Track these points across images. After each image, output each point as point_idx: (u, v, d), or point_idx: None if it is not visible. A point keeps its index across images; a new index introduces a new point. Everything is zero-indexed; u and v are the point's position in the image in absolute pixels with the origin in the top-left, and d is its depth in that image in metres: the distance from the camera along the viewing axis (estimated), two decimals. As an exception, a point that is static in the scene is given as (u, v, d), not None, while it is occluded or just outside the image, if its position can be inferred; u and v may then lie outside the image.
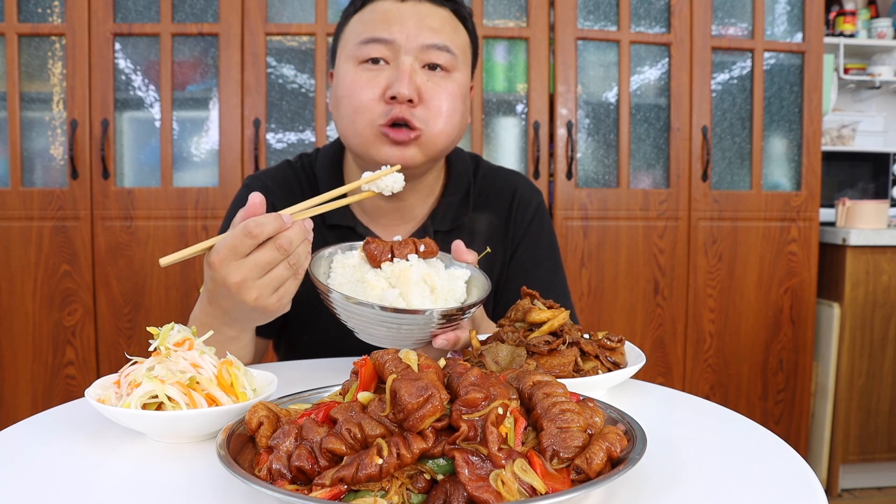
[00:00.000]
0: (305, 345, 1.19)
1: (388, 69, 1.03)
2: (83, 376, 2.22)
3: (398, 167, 0.98)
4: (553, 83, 2.37)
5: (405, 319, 0.81)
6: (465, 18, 1.11)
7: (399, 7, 1.04)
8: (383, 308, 0.79)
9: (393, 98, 1.01)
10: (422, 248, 0.91)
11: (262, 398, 0.69)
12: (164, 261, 0.79)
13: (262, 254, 0.78)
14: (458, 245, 0.94)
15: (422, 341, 0.87)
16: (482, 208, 1.19)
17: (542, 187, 2.35)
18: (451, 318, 0.84)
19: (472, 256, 0.94)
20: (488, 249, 1.15)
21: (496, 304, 1.21)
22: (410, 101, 1.01)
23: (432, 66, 1.04)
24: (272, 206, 1.13)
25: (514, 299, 1.11)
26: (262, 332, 1.14)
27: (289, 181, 1.18)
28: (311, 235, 0.84)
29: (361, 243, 0.92)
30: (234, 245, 0.78)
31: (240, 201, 1.16)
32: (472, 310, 0.86)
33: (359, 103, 1.02)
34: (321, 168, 1.18)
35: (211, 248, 0.81)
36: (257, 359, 1.16)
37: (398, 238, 0.92)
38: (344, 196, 0.93)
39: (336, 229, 1.15)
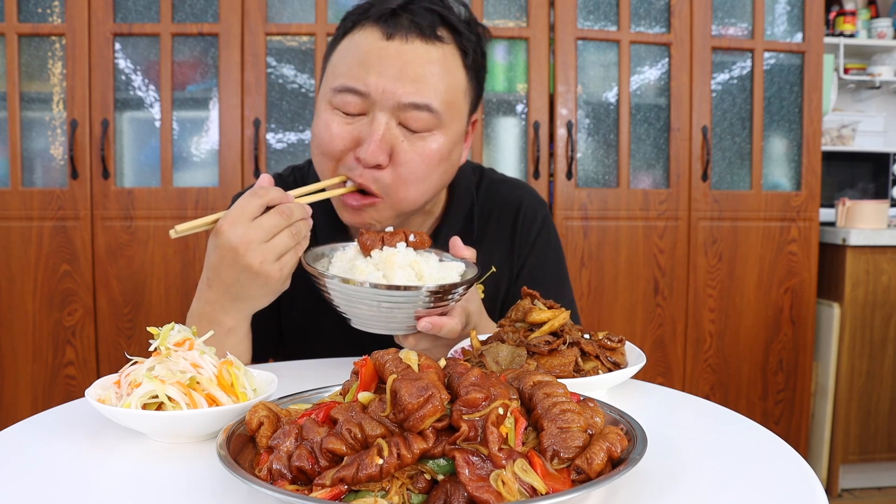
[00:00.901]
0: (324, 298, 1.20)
1: (364, 120, 0.95)
2: (83, 376, 2.22)
3: None
4: (553, 83, 2.37)
5: (389, 297, 0.83)
6: (466, 52, 0.98)
7: (382, 48, 0.93)
8: (373, 285, 0.82)
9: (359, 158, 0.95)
10: (412, 238, 0.93)
11: (263, 398, 0.69)
12: (179, 228, 0.83)
13: (268, 218, 0.83)
14: (455, 241, 0.94)
15: (412, 326, 0.88)
16: (486, 225, 1.15)
17: (542, 187, 2.35)
18: (438, 298, 0.84)
19: (469, 252, 0.94)
20: (493, 269, 1.11)
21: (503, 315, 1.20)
22: (379, 165, 0.94)
23: (410, 129, 0.95)
24: None
25: None
26: (256, 354, 1.09)
27: None
28: (310, 220, 0.88)
29: (353, 244, 0.95)
30: (242, 206, 0.83)
31: None
32: (459, 290, 0.86)
33: (328, 150, 0.97)
34: (312, 181, 1.15)
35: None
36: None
37: (390, 229, 0.94)
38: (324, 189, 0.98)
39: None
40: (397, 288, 0.82)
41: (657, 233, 2.42)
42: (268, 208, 0.85)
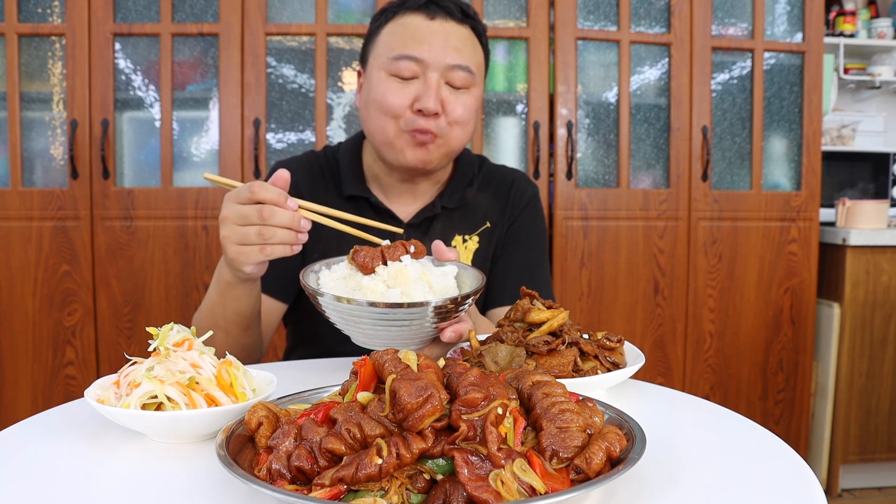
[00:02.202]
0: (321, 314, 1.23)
1: (417, 83, 1.16)
2: (83, 376, 2.22)
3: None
4: (553, 83, 2.37)
5: (399, 314, 0.80)
6: (480, 35, 1.23)
7: (428, 25, 1.16)
8: (371, 303, 0.79)
9: (419, 111, 1.14)
10: (412, 250, 0.91)
11: (262, 398, 0.69)
12: (209, 174, 0.95)
13: (246, 208, 0.90)
14: (437, 245, 0.95)
15: (418, 340, 0.87)
16: (485, 190, 1.33)
17: (542, 187, 2.35)
18: (445, 311, 0.83)
19: (453, 254, 0.95)
20: (488, 224, 1.29)
21: (491, 273, 1.31)
22: (435, 113, 1.15)
23: (454, 85, 1.17)
24: (295, 186, 1.25)
25: (506, 270, 1.29)
26: (278, 294, 1.24)
27: (312, 165, 1.31)
28: (303, 237, 0.92)
29: (345, 257, 0.93)
30: (239, 189, 0.92)
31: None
32: (469, 300, 0.86)
33: (390, 109, 1.16)
34: (343, 155, 1.31)
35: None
36: (272, 321, 1.24)
37: (387, 242, 0.92)
38: (349, 224, 0.99)
39: (351, 200, 1.26)
40: (408, 305, 0.80)
41: (657, 233, 2.42)
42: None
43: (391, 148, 1.18)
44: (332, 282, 0.89)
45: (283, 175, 0.93)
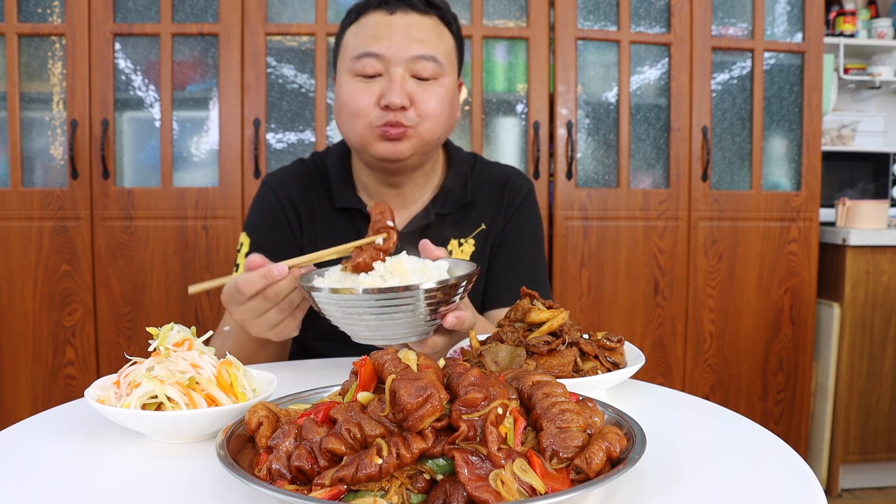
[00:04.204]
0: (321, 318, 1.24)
1: (382, 80, 1.14)
2: (83, 376, 2.22)
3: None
4: (553, 83, 2.37)
5: (399, 297, 0.80)
6: (449, 23, 1.20)
7: (389, 20, 1.14)
8: (369, 290, 0.79)
9: (387, 107, 1.12)
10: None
11: (262, 398, 0.69)
12: (192, 288, 0.91)
13: (254, 303, 0.91)
14: (424, 244, 0.96)
15: (420, 331, 0.87)
16: (478, 193, 1.31)
17: (542, 187, 2.35)
18: (444, 292, 0.82)
19: (440, 251, 0.95)
20: (483, 226, 1.28)
21: (488, 273, 1.30)
22: (403, 107, 1.12)
23: (422, 77, 1.15)
24: (289, 200, 1.27)
25: (503, 271, 1.28)
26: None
27: (303, 176, 1.30)
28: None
29: (338, 266, 0.94)
30: (231, 294, 0.92)
31: (261, 199, 1.30)
32: (466, 283, 0.85)
33: (357, 109, 1.14)
34: (332, 162, 1.30)
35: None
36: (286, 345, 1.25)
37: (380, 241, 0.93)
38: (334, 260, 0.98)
39: (344, 212, 1.26)
40: (399, 289, 0.80)
41: (657, 233, 2.42)
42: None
43: (365, 146, 1.16)
44: (329, 285, 0.90)
45: (259, 260, 0.91)
